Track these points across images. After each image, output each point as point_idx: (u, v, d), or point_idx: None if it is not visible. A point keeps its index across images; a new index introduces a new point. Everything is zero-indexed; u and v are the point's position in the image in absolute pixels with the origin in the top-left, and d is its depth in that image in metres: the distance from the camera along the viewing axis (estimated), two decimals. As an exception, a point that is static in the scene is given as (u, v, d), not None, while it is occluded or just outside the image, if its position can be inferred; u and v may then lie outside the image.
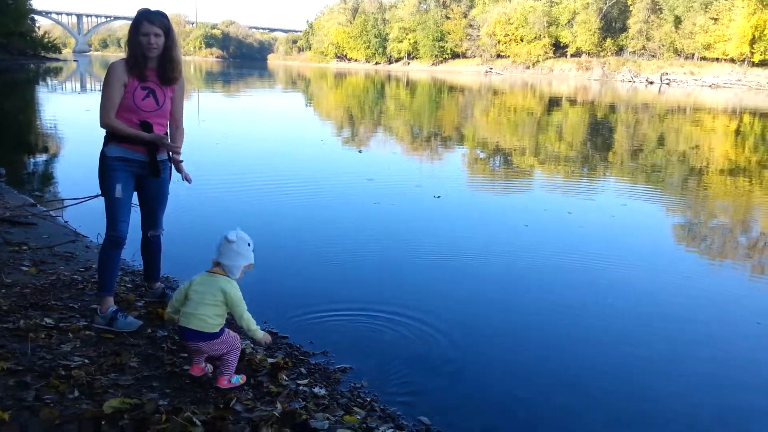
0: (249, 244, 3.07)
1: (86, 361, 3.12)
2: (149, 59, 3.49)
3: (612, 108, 29.60)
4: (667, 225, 7.73)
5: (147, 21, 3.42)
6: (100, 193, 4.57)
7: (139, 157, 3.60)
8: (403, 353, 3.77)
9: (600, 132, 19.08)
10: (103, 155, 3.59)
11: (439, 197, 8.20)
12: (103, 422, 2.61)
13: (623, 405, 3.39)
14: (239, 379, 3.08)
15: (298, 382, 3.24)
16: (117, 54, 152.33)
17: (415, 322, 4.22)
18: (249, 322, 3.00)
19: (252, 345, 3.57)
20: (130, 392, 2.88)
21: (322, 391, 3.16)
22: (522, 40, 76.05)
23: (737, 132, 20.71)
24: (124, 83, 3.48)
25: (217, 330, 2.95)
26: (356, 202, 8.02)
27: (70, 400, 2.76)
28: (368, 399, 3.19)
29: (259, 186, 8.58)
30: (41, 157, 10.78)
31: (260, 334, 3.07)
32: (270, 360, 3.38)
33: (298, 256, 5.69)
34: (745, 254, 6.66)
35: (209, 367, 3.12)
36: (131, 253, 4.65)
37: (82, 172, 8.84)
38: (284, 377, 3.24)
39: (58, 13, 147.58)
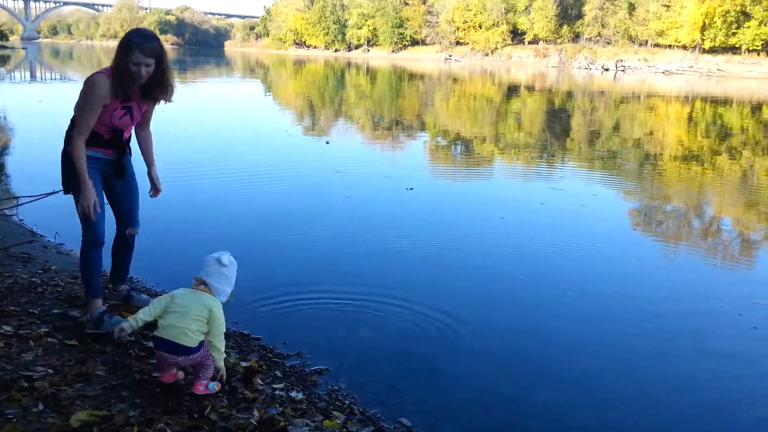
0: (236, 271, 3.04)
1: (50, 371, 2.97)
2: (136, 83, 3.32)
3: (570, 95, 30.01)
4: (637, 213, 7.80)
5: (139, 51, 3.17)
6: (56, 190, 4.39)
7: (106, 156, 3.45)
8: (380, 351, 3.72)
9: (562, 120, 19.32)
10: (67, 154, 3.42)
11: (411, 189, 8.13)
12: (71, 437, 2.49)
13: (608, 400, 3.39)
14: (215, 386, 2.97)
15: (274, 386, 3.16)
16: (67, 41, 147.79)
17: (391, 317, 4.18)
18: (222, 344, 2.94)
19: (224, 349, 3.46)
20: (98, 403, 2.75)
21: (300, 396, 3.08)
22: (480, 27, 76.43)
23: (690, 118, 21.24)
24: (106, 104, 3.29)
25: (197, 345, 2.84)
26: (326, 194, 7.89)
27: (35, 414, 2.62)
28: (347, 402, 3.13)
29: (222, 179, 8.39)
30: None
31: (222, 363, 2.99)
32: (243, 364, 3.28)
33: (267, 251, 5.57)
34: (716, 240, 6.81)
35: (181, 374, 3.00)
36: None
37: (36, 167, 8.50)
38: (259, 381, 3.15)
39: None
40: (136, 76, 3.23)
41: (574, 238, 6.30)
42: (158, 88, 3.38)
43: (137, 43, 3.17)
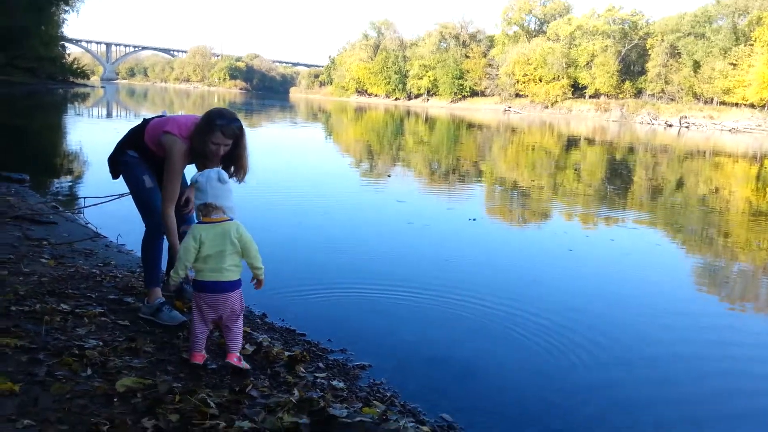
0: None
1: (100, 343, 3.05)
2: None
3: (631, 149, 29.47)
4: (710, 260, 7.51)
5: (221, 133, 3.29)
6: (121, 194, 4.59)
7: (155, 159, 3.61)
8: (425, 352, 3.69)
9: (623, 171, 18.97)
10: (117, 158, 3.63)
11: (474, 220, 8.09)
12: (115, 399, 2.54)
13: (657, 415, 3.23)
14: (246, 363, 3.02)
15: (316, 375, 3.14)
16: (143, 83, 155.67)
17: (439, 321, 4.21)
18: (259, 261, 2.96)
19: (269, 339, 3.49)
20: (143, 374, 2.80)
21: (341, 384, 3.06)
22: (541, 81, 76.51)
23: (759, 177, 20.48)
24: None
25: (239, 277, 2.93)
26: (387, 220, 8.01)
27: (83, 377, 2.69)
28: (388, 394, 3.09)
29: (290, 202, 8.55)
30: (65, 166, 10.94)
31: (263, 276, 3.00)
32: (287, 353, 3.29)
33: (322, 259, 5.74)
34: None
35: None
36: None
37: (104, 180, 8.91)
38: (302, 369, 3.15)
39: (87, 42, 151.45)
40: (214, 155, 3.37)
41: (645, 272, 6.18)
42: (233, 166, 3.49)
43: (219, 125, 3.28)
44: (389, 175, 12.74)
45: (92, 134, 17.62)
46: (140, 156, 3.59)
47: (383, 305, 4.42)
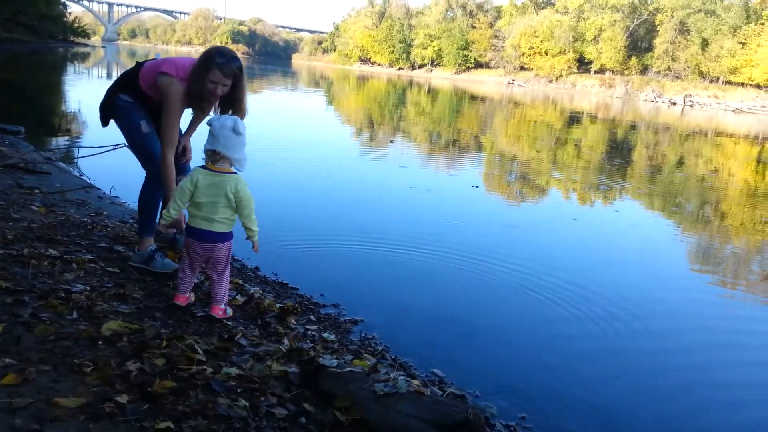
0: None
1: (88, 288, 2.99)
2: None
3: (633, 127, 29.18)
4: (686, 227, 7.49)
5: (219, 71, 3.15)
6: (115, 145, 4.48)
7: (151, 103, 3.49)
8: (419, 311, 3.66)
9: (622, 147, 18.83)
10: (110, 103, 3.48)
11: (477, 187, 8.03)
12: (100, 342, 2.48)
13: (645, 382, 3.20)
14: (231, 311, 3.00)
15: (307, 327, 3.10)
16: (144, 45, 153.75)
17: (433, 284, 4.16)
18: (255, 221, 2.85)
19: (261, 291, 3.44)
20: (131, 319, 2.75)
21: (332, 337, 3.01)
22: (546, 54, 75.61)
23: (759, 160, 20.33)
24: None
25: (230, 231, 2.86)
26: (389, 184, 7.94)
27: (68, 320, 2.63)
28: (379, 348, 3.06)
29: (297, 165, 8.49)
30: (62, 121, 10.86)
31: (257, 238, 2.89)
32: (279, 305, 3.24)
33: (319, 216, 5.75)
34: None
35: (192, 296, 3.06)
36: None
37: (99, 133, 8.80)
38: (293, 321, 3.10)
39: (89, 0, 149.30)
40: (211, 93, 3.22)
41: (649, 242, 6.21)
42: (231, 109, 3.34)
43: (218, 63, 3.15)
44: (392, 141, 12.64)
45: (91, 93, 17.38)
46: (135, 101, 3.46)
47: (380, 264, 4.39)
